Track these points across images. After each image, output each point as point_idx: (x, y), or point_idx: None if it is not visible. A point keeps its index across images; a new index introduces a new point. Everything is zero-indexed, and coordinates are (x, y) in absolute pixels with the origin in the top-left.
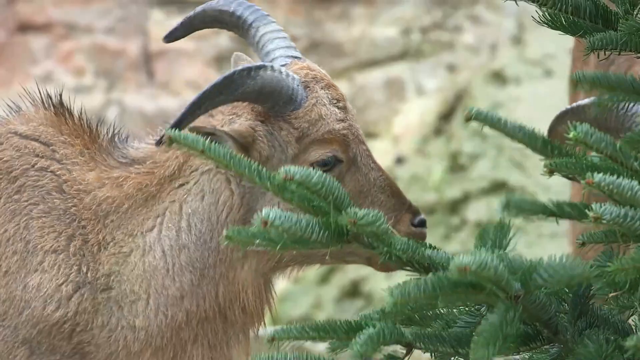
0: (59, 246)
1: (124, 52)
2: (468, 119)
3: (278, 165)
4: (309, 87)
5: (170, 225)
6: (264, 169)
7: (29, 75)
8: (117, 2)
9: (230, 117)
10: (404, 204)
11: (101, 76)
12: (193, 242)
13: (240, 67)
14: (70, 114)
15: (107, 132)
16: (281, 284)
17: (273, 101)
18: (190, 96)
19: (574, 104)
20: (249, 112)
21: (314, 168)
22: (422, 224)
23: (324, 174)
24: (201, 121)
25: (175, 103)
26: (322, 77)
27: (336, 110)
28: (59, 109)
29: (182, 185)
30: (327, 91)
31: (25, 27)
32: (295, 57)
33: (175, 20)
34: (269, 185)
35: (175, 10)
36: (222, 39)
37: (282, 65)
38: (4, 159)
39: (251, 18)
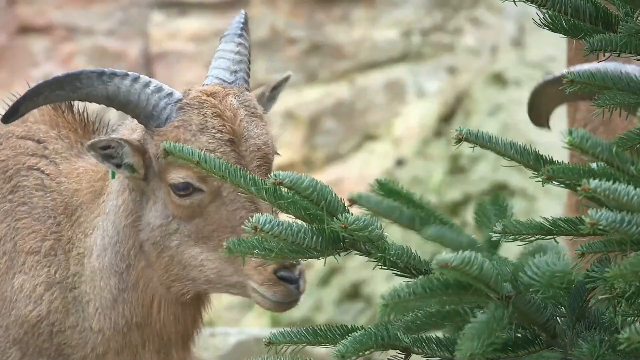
0: (35, 247)
1: (124, 54)
2: (458, 140)
3: (153, 179)
4: (183, 109)
5: (100, 224)
6: (260, 179)
7: (29, 77)
8: (118, 4)
9: (132, 130)
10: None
11: None
12: (110, 244)
13: (92, 69)
14: (70, 108)
15: (101, 126)
16: None
17: (131, 112)
18: None
19: (553, 75)
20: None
21: (172, 190)
22: (286, 278)
23: (314, 179)
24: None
25: None
26: (212, 106)
27: (204, 139)
28: (58, 104)
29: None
30: (208, 119)
31: (25, 30)
32: (224, 81)
33: (175, 23)
34: (265, 195)
35: (176, 12)
36: None
37: (201, 85)
38: (1, 158)
39: (226, 32)
